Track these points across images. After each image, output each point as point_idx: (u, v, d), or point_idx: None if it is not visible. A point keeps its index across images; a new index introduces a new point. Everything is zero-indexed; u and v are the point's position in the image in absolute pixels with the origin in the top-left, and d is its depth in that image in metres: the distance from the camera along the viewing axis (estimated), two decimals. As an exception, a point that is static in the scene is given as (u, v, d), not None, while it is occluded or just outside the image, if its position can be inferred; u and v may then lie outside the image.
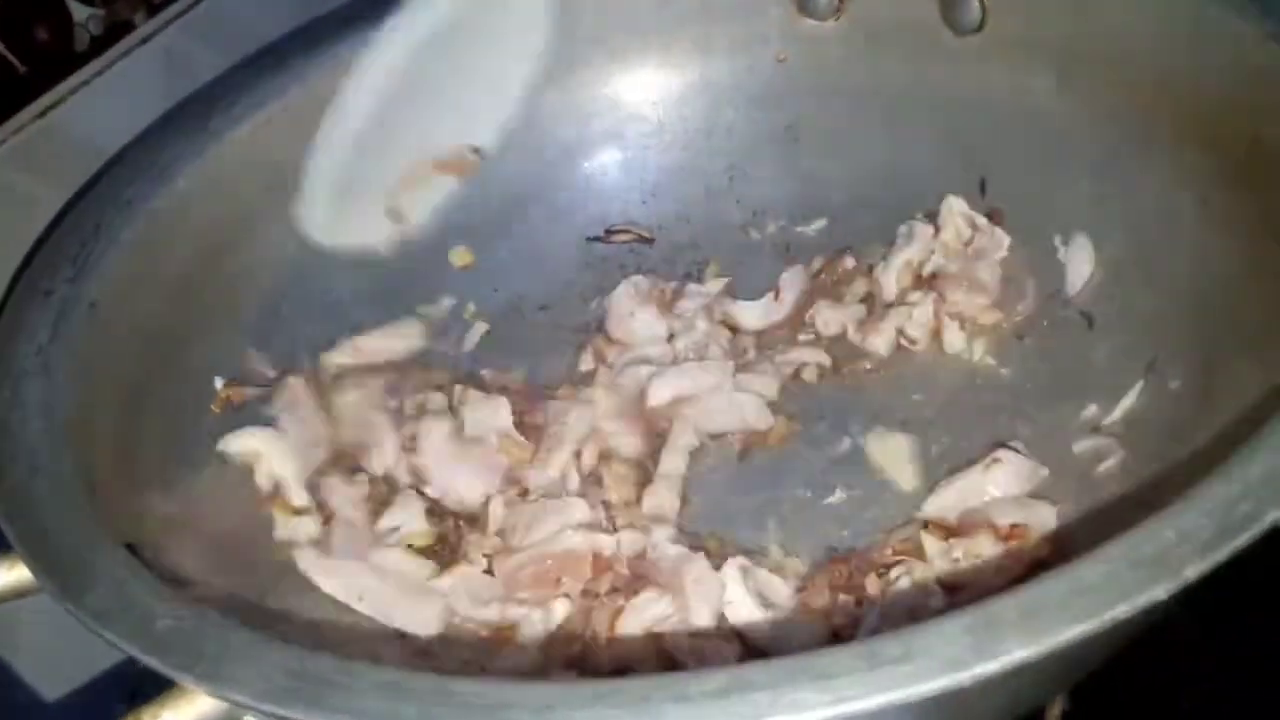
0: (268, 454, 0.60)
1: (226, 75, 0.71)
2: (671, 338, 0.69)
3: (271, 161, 0.68)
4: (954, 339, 0.67)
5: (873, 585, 0.55)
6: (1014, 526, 0.55)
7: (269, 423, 0.62)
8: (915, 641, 0.36)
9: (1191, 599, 0.47)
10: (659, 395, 0.66)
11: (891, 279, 0.68)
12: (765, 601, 0.55)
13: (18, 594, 0.46)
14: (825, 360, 0.68)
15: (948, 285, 0.67)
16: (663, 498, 0.62)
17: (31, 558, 0.45)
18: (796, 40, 0.74)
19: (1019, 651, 0.36)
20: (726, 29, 0.74)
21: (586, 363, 0.70)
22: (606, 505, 0.62)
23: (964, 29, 0.69)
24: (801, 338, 0.69)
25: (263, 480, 0.61)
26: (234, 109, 0.68)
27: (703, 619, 0.54)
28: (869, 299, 0.69)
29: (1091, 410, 0.61)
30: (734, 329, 0.70)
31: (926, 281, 0.68)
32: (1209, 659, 0.60)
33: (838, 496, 0.62)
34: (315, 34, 0.72)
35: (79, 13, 0.71)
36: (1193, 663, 0.60)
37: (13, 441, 0.50)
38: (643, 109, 0.76)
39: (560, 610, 0.56)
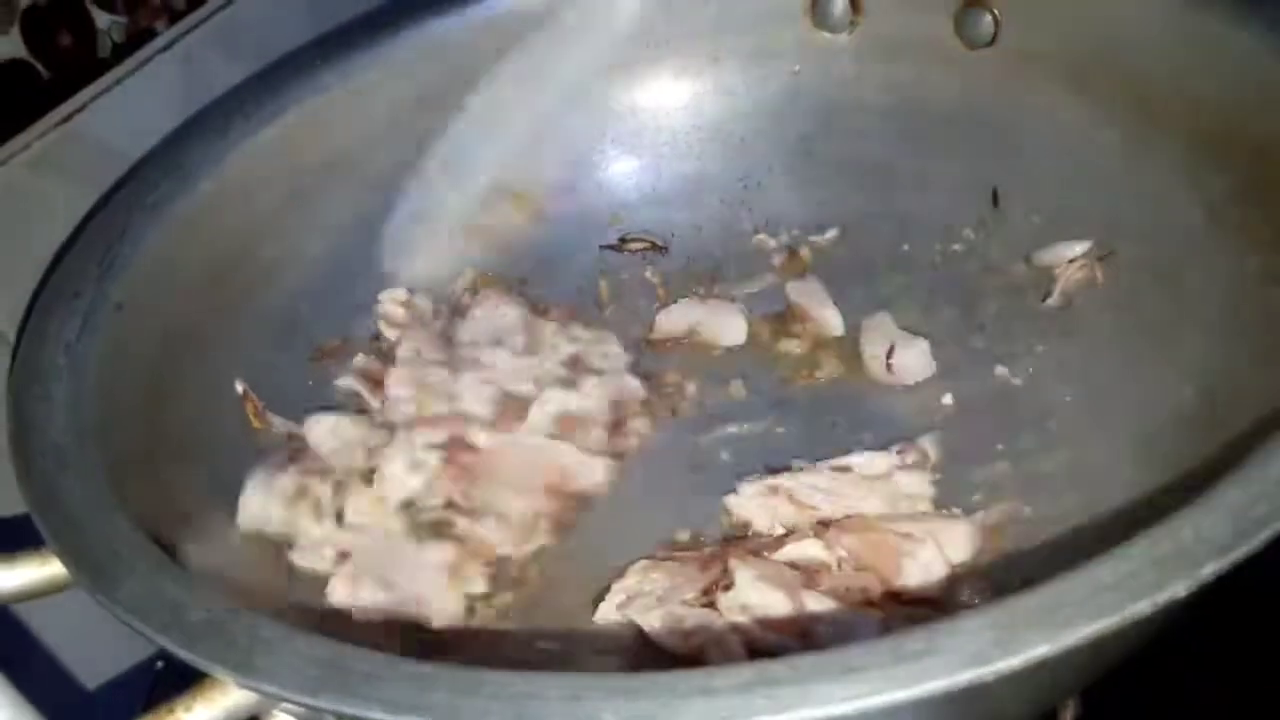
0: None
1: (247, 82, 0.72)
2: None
3: (291, 167, 0.69)
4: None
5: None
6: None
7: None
8: (938, 637, 0.37)
9: (1206, 604, 0.48)
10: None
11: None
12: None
13: (50, 589, 0.47)
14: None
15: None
16: None
17: (65, 552, 0.45)
18: (811, 52, 0.74)
19: (1041, 647, 0.36)
20: (741, 40, 0.75)
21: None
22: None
23: (976, 43, 0.70)
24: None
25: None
26: (254, 116, 0.69)
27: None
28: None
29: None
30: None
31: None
32: (1222, 664, 0.61)
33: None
34: (333, 43, 0.73)
35: (102, 20, 0.72)
36: (1206, 668, 0.60)
37: (42, 438, 0.51)
38: (658, 118, 0.77)
39: None
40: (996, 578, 0.55)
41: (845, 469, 0.61)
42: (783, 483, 0.60)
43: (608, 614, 0.56)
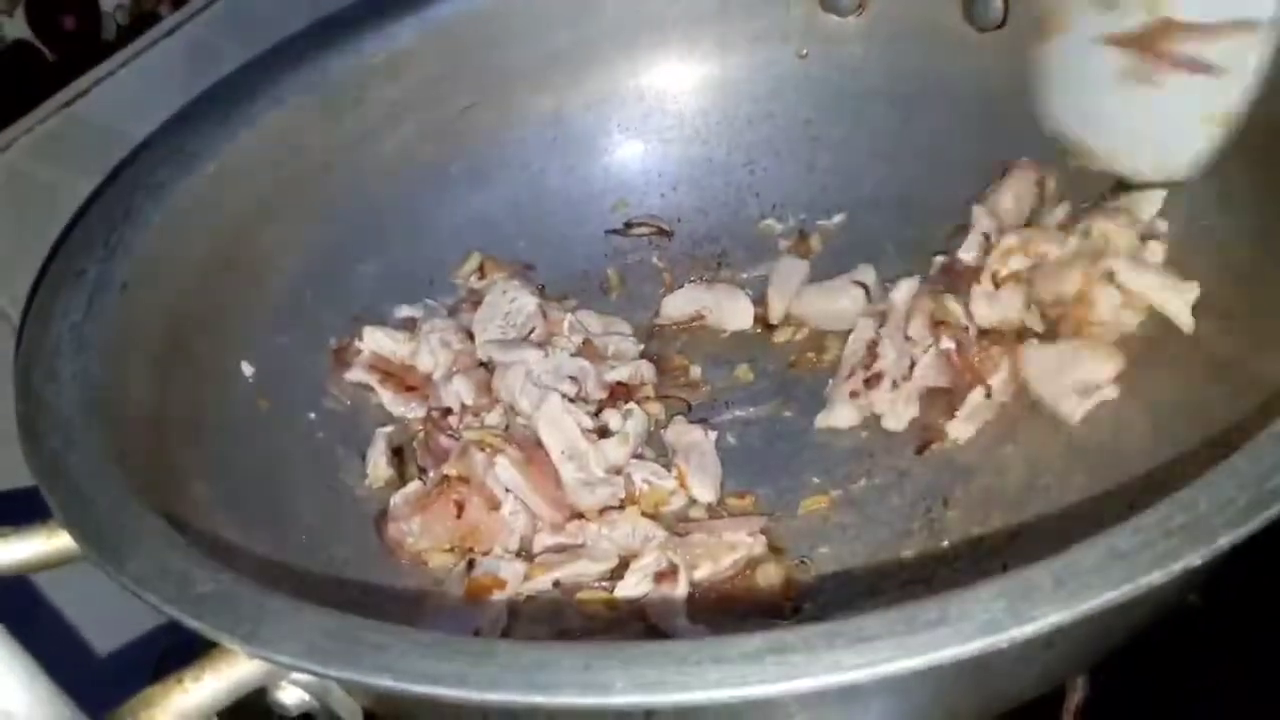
0: None
1: (251, 66, 0.72)
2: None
3: (295, 150, 0.69)
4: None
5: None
6: None
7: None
8: (951, 606, 0.37)
9: (1216, 590, 0.48)
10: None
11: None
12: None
13: (57, 562, 0.47)
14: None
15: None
16: None
17: (73, 525, 0.45)
18: (818, 36, 0.74)
19: (1054, 616, 0.36)
20: (748, 24, 0.75)
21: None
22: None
23: (985, 25, 0.70)
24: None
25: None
26: (258, 99, 0.69)
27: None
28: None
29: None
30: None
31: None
32: (1231, 649, 0.61)
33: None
34: (336, 27, 0.73)
35: (107, 3, 0.72)
36: (1214, 653, 0.60)
37: (49, 414, 0.51)
38: (664, 103, 0.77)
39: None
40: (1008, 552, 0.55)
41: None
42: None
43: (627, 590, 0.56)
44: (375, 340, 0.68)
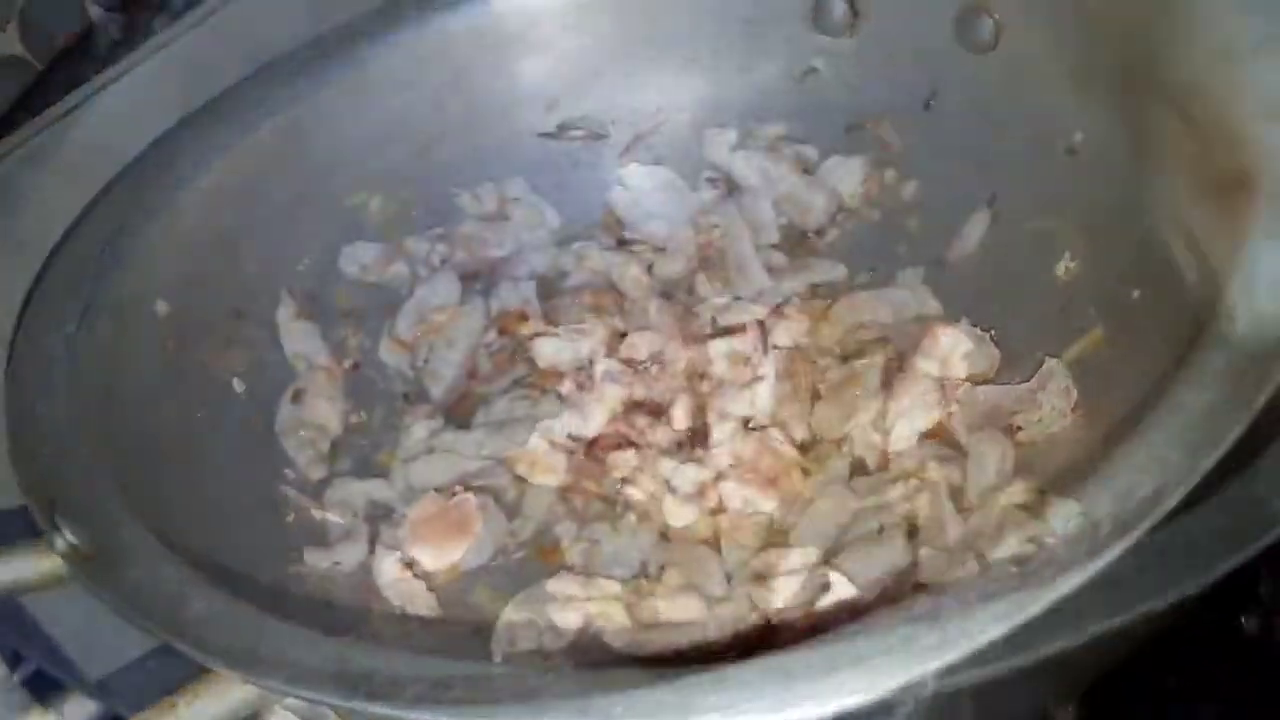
0: None
1: (245, 81, 0.72)
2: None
3: (288, 167, 0.69)
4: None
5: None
6: None
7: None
8: (950, 632, 0.37)
9: (1210, 605, 0.48)
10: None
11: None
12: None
13: (50, 583, 0.46)
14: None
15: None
16: None
17: (63, 544, 0.45)
18: (810, 56, 0.74)
19: (1052, 642, 0.36)
20: (741, 43, 0.75)
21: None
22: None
23: (978, 47, 0.70)
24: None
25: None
26: (253, 115, 0.68)
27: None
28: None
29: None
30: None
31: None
32: (1224, 665, 0.61)
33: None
34: (330, 42, 0.73)
35: (99, 16, 0.72)
36: (1207, 670, 0.60)
37: (40, 428, 0.50)
38: (657, 121, 0.77)
39: None
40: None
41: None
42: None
43: None
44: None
